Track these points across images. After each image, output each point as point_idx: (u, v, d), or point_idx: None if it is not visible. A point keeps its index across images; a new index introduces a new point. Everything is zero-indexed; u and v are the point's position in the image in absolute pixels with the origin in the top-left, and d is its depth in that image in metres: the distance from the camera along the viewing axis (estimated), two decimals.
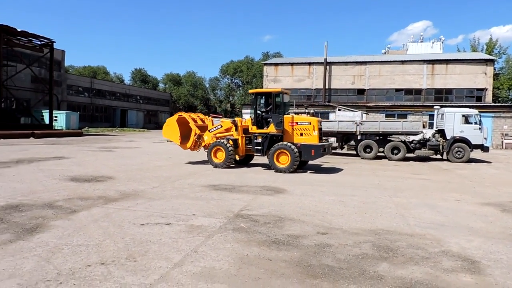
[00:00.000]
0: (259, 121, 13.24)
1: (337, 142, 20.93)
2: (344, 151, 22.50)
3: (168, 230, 5.48)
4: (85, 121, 52.71)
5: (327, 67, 42.37)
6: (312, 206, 7.46)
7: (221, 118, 15.53)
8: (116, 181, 9.77)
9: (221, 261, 4.30)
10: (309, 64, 44.14)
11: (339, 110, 34.06)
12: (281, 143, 12.62)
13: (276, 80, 45.08)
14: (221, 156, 13.41)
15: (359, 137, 19.78)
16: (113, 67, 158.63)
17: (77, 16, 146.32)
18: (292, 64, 44.80)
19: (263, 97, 13.78)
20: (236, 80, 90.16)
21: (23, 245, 4.64)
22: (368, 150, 19.32)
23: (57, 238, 4.95)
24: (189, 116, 14.93)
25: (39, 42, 38.27)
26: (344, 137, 20.79)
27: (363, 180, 11.33)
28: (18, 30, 33.74)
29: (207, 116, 15.71)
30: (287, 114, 13.42)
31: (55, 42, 37.99)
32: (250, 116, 14.06)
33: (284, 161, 12.49)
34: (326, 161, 17.48)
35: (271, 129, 12.86)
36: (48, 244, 4.71)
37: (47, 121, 39.01)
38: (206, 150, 14.08)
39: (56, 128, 39.03)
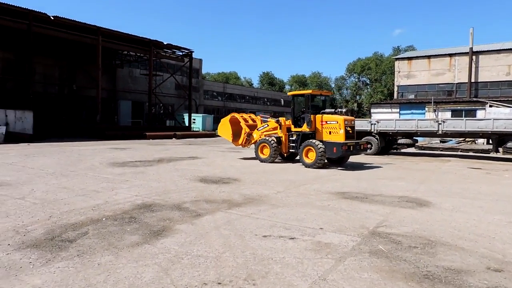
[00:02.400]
0: (297, 121, 14.24)
1: (488, 144, 17.55)
2: (499, 155, 18.77)
3: (292, 246, 4.81)
4: (219, 123, 56.88)
5: (473, 57, 36.56)
6: (470, 227, 5.89)
7: (269, 118, 16.22)
8: (241, 184, 9.64)
9: None
10: (450, 55, 38.89)
11: (490, 106, 28.88)
12: (308, 140, 13.42)
13: (409, 75, 41.06)
14: (266, 152, 14.63)
15: None
16: (244, 72, 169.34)
17: (212, 28, 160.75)
18: (428, 57, 40.10)
19: (300, 98, 14.74)
20: (364, 78, 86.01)
21: (148, 250, 4.55)
22: None
23: (179, 245, 4.75)
24: (241, 116, 16.36)
25: (180, 53, 42.74)
26: (500, 139, 17.27)
27: None
28: (165, 43, 38.17)
29: (257, 116, 16.85)
30: (320, 112, 13.89)
31: (193, 51, 41.87)
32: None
33: (312, 157, 13.24)
34: (478, 167, 14.66)
35: (304, 128, 13.80)
36: (170, 251, 4.52)
37: (186, 123, 43.30)
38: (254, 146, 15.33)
39: (194, 129, 42.98)
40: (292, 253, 4.53)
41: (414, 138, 21.63)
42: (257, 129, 15.55)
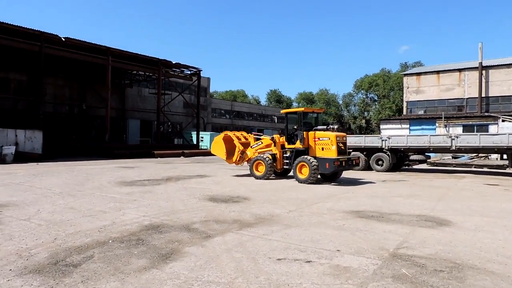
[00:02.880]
0: (290, 138, 14.54)
1: (502, 159, 17.06)
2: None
3: (309, 270, 4.50)
4: None
5: (483, 72, 36.28)
6: (497, 248, 5.52)
7: (262, 135, 16.57)
8: (251, 203, 9.36)
9: None
10: (459, 70, 38.65)
11: (503, 121, 28.37)
12: (301, 156, 13.68)
13: (418, 91, 40.80)
14: (261, 169, 14.69)
15: None
16: (251, 90, 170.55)
17: (220, 46, 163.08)
18: (437, 72, 39.87)
19: (293, 115, 14.94)
20: (371, 94, 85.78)
21: (155, 275, 4.28)
22: None
23: (189, 269, 4.48)
24: (234, 134, 16.52)
25: (189, 72, 43.11)
26: None
27: None
28: (173, 62, 38.57)
29: (249, 134, 17.06)
30: (313, 129, 14.15)
31: (201, 70, 42.21)
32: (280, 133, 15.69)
33: (305, 172, 13.47)
34: (495, 183, 14.20)
35: (298, 144, 14.07)
36: (179, 276, 4.24)
37: (194, 141, 43.29)
38: (249, 164, 15.48)
39: (202, 147, 42.90)
40: (310, 278, 4.23)
41: (426, 154, 21.21)
42: (251, 147, 15.80)
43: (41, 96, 28.46)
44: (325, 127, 14.40)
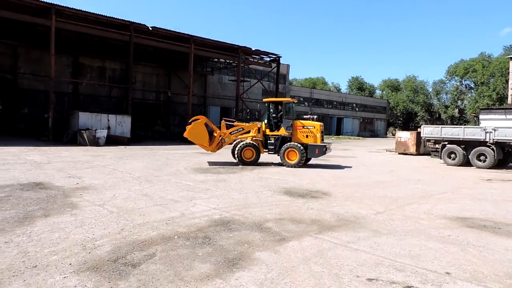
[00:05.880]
0: (273, 125, 15.00)
1: None
2: None
3: None
4: None
5: None
6: None
7: (234, 122, 15.77)
8: (332, 199, 8.36)
9: None
10: None
11: None
12: (290, 143, 14.44)
13: None
14: (293, 157, 14.36)
15: None
16: (331, 77, 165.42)
17: (299, 33, 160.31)
18: None
19: (275, 105, 15.36)
20: (467, 81, 77.05)
21: (219, 287, 3.62)
22: None
23: (258, 284, 3.73)
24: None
25: (268, 58, 42.56)
26: None
27: None
28: (253, 49, 38.31)
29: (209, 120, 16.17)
30: (294, 118, 15.00)
31: (281, 57, 41.32)
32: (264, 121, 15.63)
33: (293, 157, 14.27)
34: None
35: (282, 131, 14.71)
36: None
37: None
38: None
39: None
40: None
41: None
42: (230, 133, 15.33)
43: (131, 84, 30.24)
44: (309, 116, 15.89)
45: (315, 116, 16.19)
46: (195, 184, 9.62)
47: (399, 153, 24.62)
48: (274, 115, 15.24)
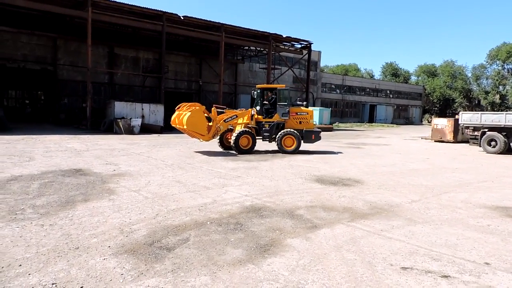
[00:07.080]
0: (266, 111, 14.78)
1: None
2: None
3: None
4: (336, 116, 54.76)
5: None
6: None
7: (226, 109, 15.13)
8: (364, 187, 8.22)
9: None
10: None
11: None
12: (288, 129, 14.38)
13: None
14: (290, 143, 14.30)
15: None
16: (364, 63, 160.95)
17: (331, 20, 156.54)
18: None
19: (268, 91, 15.18)
20: (510, 65, 72.67)
21: (250, 272, 3.67)
22: None
23: (290, 270, 3.76)
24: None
25: (299, 45, 41.95)
26: None
27: None
28: (284, 36, 37.87)
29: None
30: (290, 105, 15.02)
31: (312, 43, 40.57)
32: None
33: (290, 144, 14.27)
34: None
35: (276, 118, 14.59)
36: (278, 278, 3.56)
37: None
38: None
39: None
40: None
41: None
42: (224, 121, 14.59)
43: (164, 73, 30.82)
44: (300, 103, 16.21)
45: (304, 103, 16.68)
46: (226, 171, 9.75)
47: (435, 141, 23.75)
48: (265, 102, 14.92)
